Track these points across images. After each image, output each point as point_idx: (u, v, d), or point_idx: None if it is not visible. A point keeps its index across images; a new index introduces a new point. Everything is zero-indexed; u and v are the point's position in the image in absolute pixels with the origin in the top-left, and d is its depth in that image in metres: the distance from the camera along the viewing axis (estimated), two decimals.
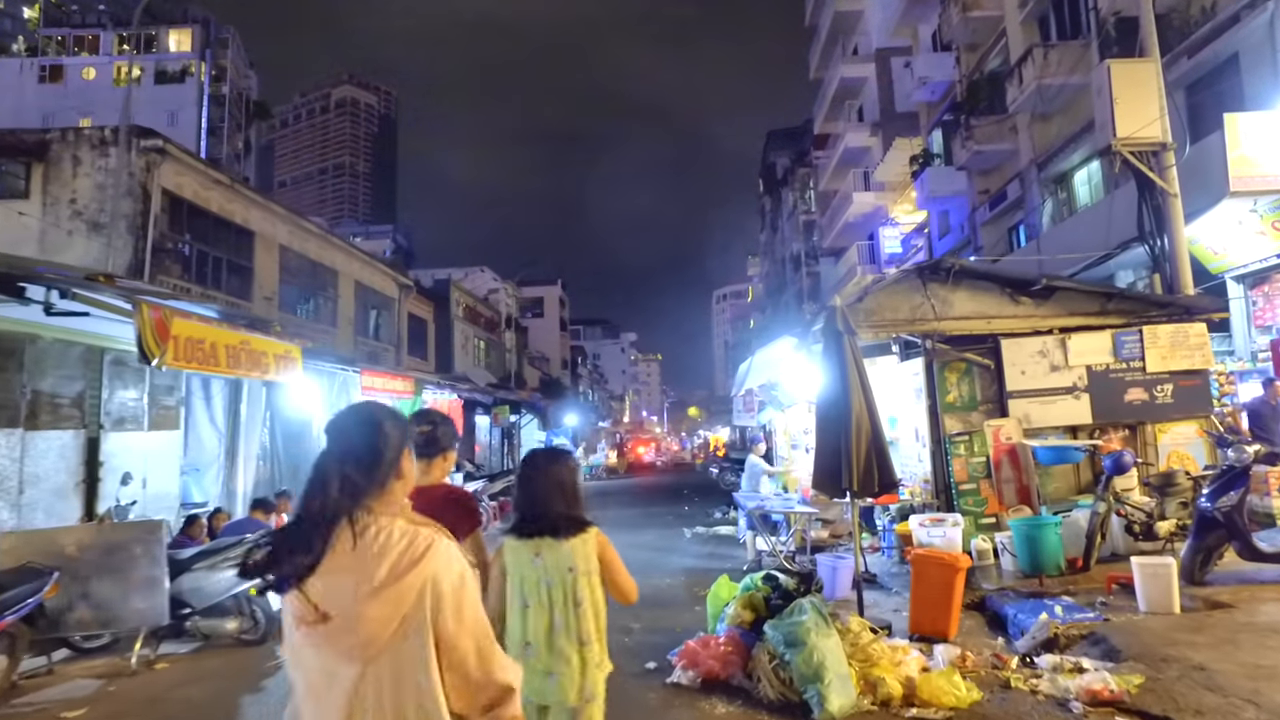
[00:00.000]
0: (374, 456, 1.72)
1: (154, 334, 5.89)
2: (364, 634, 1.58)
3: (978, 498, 8.42)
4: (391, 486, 1.74)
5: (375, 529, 1.65)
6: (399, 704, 1.59)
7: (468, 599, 1.69)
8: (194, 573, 5.93)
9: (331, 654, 1.60)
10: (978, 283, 8.88)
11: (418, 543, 1.65)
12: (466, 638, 1.66)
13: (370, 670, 1.59)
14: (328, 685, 1.61)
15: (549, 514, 2.83)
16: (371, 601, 1.58)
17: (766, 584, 5.54)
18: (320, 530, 1.62)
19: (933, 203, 24.34)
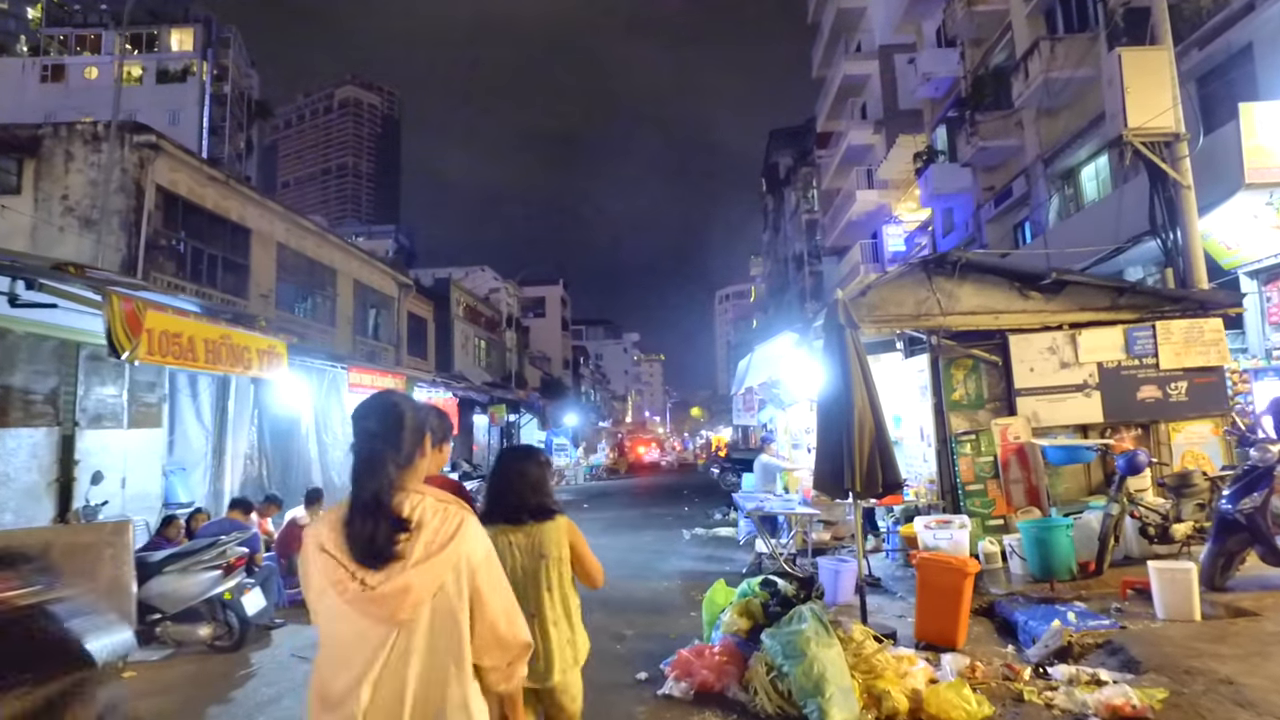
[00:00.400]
0: (400, 436, 1.86)
1: (125, 326, 5.64)
2: (400, 602, 1.73)
3: (985, 499, 8.14)
4: (417, 463, 1.90)
5: (409, 505, 1.80)
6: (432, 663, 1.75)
7: (495, 569, 1.90)
8: (164, 576, 5.67)
9: (366, 618, 1.74)
10: (985, 277, 8.59)
11: (450, 520, 1.82)
12: (497, 603, 1.86)
13: (401, 631, 1.74)
14: (357, 644, 1.74)
15: (520, 503, 3.00)
16: (410, 574, 1.73)
17: (764, 590, 5.26)
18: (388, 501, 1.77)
19: (937, 200, 24.05)
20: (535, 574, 2.94)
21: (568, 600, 3.01)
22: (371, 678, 1.73)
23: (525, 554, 2.95)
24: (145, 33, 58.82)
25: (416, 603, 1.75)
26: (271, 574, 6.92)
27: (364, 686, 1.72)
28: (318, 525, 1.86)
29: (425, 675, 1.76)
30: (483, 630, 1.85)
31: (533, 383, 47.75)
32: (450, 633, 1.79)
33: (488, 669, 1.88)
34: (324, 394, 10.32)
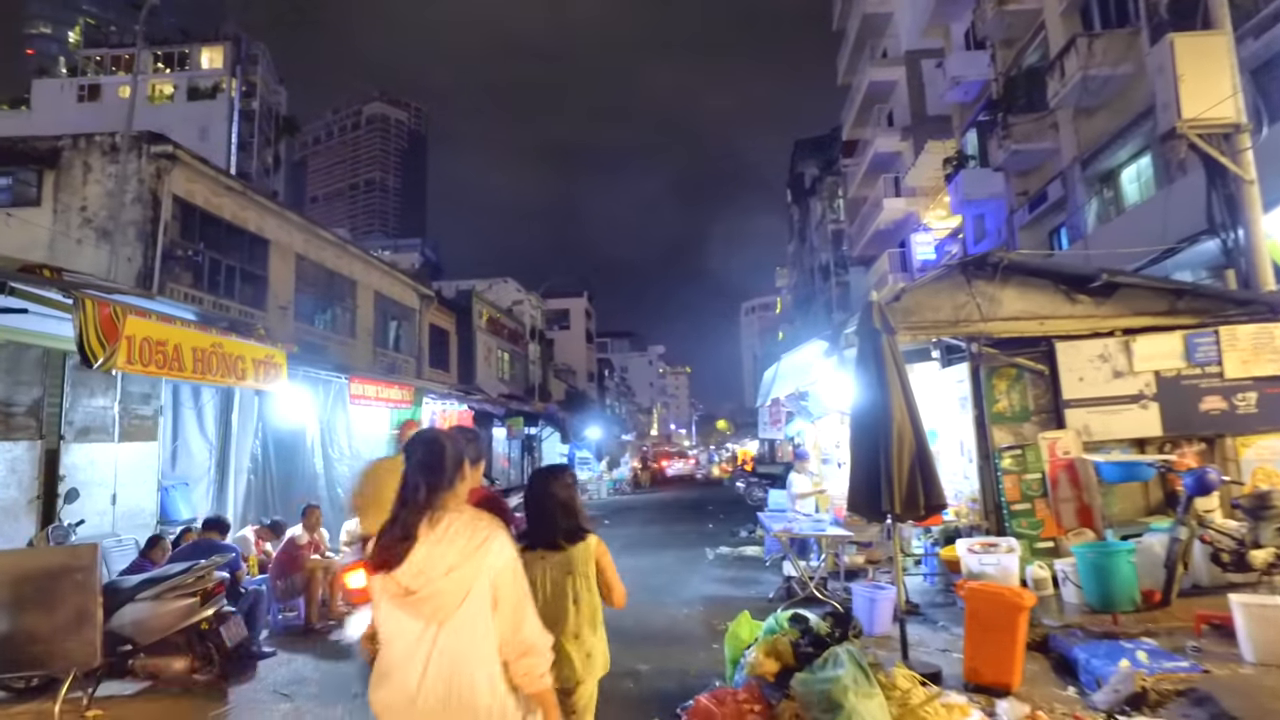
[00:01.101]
0: (441, 466, 2.28)
1: (99, 332, 5.25)
2: (438, 603, 2.11)
3: (1032, 519, 7.51)
4: (457, 487, 2.31)
5: (447, 521, 2.20)
6: (463, 652, 2.12)
7: (515, 578, 2.23)
8: (137, 604, 5.22)
9: (414, 617, 2.13)
10: (1029, 279, 7.99)
11: (478, 534, 2.19)
12: (512, 607, 2.19)
13: (444, 628, 2.11)
14: (414, 639, 2.13)
15: (554, 528, 3.21)
16: (444, 580, 2.12)
17: (794, 626, 4.70)
18: (412, 523, 2.17)
19: (967, 207, 23.34)
20: (562, 587, 3.13)
21: (595, 614, 3.18)
22: (414, 661, 2.13)
23: (558, 569, 3.16)
24: (177, 51, 59.92)
25: (447, 605, 2.13)
26: (259, 599, 6.48)
27: (409, 668, 2.14)
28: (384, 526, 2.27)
29: (456, 661, 2.12)
30: (502, 629, 2.18)
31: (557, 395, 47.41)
32: (476, 628, 2.15)
33: (510, 666, 2.19)
34: (329, 406, 9.93)
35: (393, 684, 2.18)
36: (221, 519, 6.69)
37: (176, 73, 58.82)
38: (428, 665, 2.13)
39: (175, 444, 9.35)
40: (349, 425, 10.45)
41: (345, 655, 6.49)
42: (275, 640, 7.02)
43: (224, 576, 5.67)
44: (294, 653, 6.52)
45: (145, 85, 57.72)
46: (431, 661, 2.13)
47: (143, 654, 5.20)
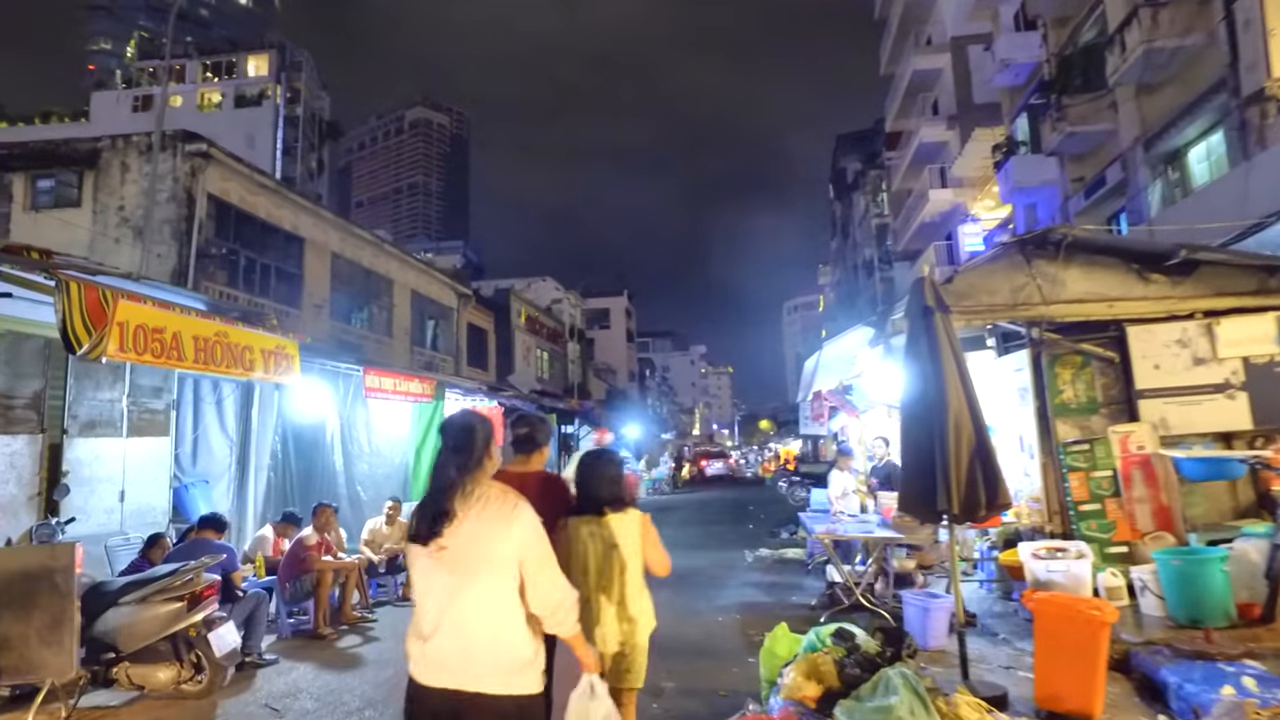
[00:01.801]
0: (471, 446, 2.60)
1: (86, 317, 4.92)
2: (470, 561, 2.47)
3: (1103, 521, 6.80)
4: (484, 465, 2.62)
5: (478, 493, 2.54)
6: (490, 605, 2.47)
7: (540, 542, 2.56)
8: (121, 609, 4.88)
9: (449, 572, 2.48)
10: (1096, 258, 7.26)
11: (507, 505, 2.54)
12: (538, 567, 2.53)
13: (473, 582, 2.47)
14: (447, 591, 2.49)
15: (599, 498, 3.48)
16: (476, 540, 2.48)
17: (838, 643, 4.13)
18: (447, 495, 2.51)
19: (1018, 195, 22.35)
20: (609, 558, 3.41)
21: (638, 580, 3.47)
22: (448, 613, 2.46)
23: (602, 541, 3.43)
24: (225, 60, 61.26)
25: (473, 563, 2.46)
26: (259, 603, 6.10)
27: (444, 619, 2.46)
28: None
29: (483, 613, 2.45)
30: (530, 586, 2.50)
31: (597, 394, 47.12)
32: (503, 584, 2.47)
33: (541, 616, 2.52)
34: (349, 400, 9.59)
35: (425, 633, 2.52)
36: (218, 517, 6.33)
37: (224, 81, 60.16)
38: (457, 615, 2.46)
39: (196, 440, 9.12)
40: (369, 421, 10.11)
41: (351, 665, 6.08)
42: (282, 646, 6.66)
43: (214, 579, 5.29)
44: (297, 661, 6.14)
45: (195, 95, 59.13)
46: (460, 611, 2.46)
47: (127, 662, 4.84)
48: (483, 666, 2.45)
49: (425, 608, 2.53)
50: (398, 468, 10.36)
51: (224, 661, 4.99)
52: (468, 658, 2.44)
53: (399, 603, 8.52)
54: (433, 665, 2.49)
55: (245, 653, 5.93)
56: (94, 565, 6.54)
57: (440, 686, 2.47)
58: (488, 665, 2.45)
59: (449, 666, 2.46)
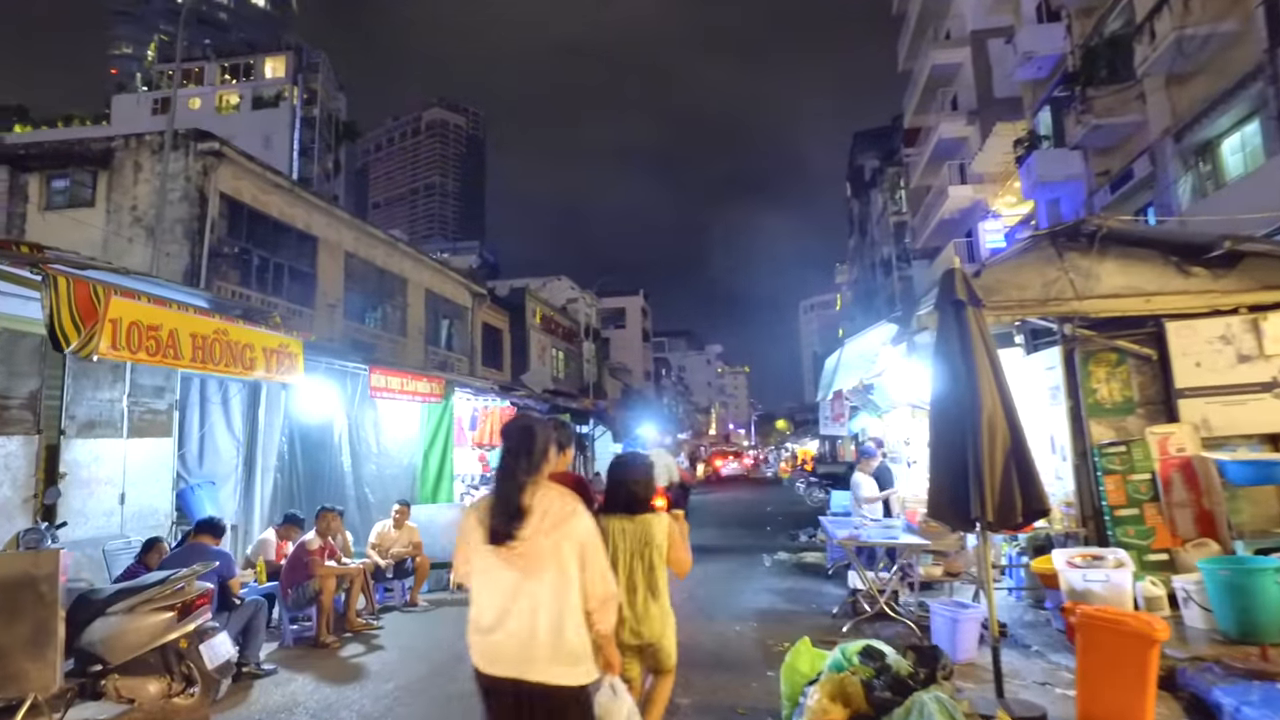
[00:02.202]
0: (534, 448, 2.77)
1: (75, 313, 4.72)
2: (532, 558, 2.63)
3: (1141, 527, 6.46)
4: (543, 467, 2.79)
5: (539, 494, 2.71)
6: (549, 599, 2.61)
7: (595, 542, 2.74)
8: (109, 618, 4.67)
9: (510, 568, 2.64)
10: (1132, 250, 6.93)
11: (566, 507, 2.71)
12: (593, 565, 2.70)
13: (533, 578, 2.63)
14: (509, 587, 2.64)
15: (630, 499, 3.73)
16: (538, 539, 2.64)
17: (866, 662, 3.83)
18: (518, 495, 2.67)
19: (1041, 190, 21.85)
20: (640, 556, 3.65)
21: (664, 578, 3.71)
22: (510, 609, 2.63)
23: (632, 539, 3.67)
24: (243, 63, 61.57)
25: (540, 561, 2.64)
26: (257, 611, 5.87)
27: (506, 615, 2.64)
28: (480, 503, 2.85)
29: (546, 608, 2.61)
30: (587, 583, 2.69)
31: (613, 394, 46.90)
32: (563, 581, 2.64)
33: (590, 610, 2.71)
34: (357, 400, 9.38)
35: (484, 626, 2.68)
36: (215, 522, 6.11)
37: (242, 83, 60.46)
38: (520, 610, 2.61)
39: (203, 441, 8.95)
40: (377, 421, 9.90)
41: (352, 677, 5.83)
42: (283, 655, 6.44)
43: (207, 587, 5.08)
44: (296, 671, 5.91)
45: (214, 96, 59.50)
46: (523, 606, 2.61)
47: (116, 674, 4.63)
48: (541, 658, 2.60)
49: (484, 603, 2.70)
50: (406, 469, 10.14)
51: (216, 674, 4.77)
52: (527, 649, 2.60)
53: (406, 608, 8.30)
54: (493, 656, 2.67)
55: (242, 663, 5.72)
56: (93, 570, 6.37)
57: (502, 675, 2.64)
58: (546, 657, 2.60)
59: (509, 657, 2.63)
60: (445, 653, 6.42)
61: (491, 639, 2.65)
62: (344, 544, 7.88)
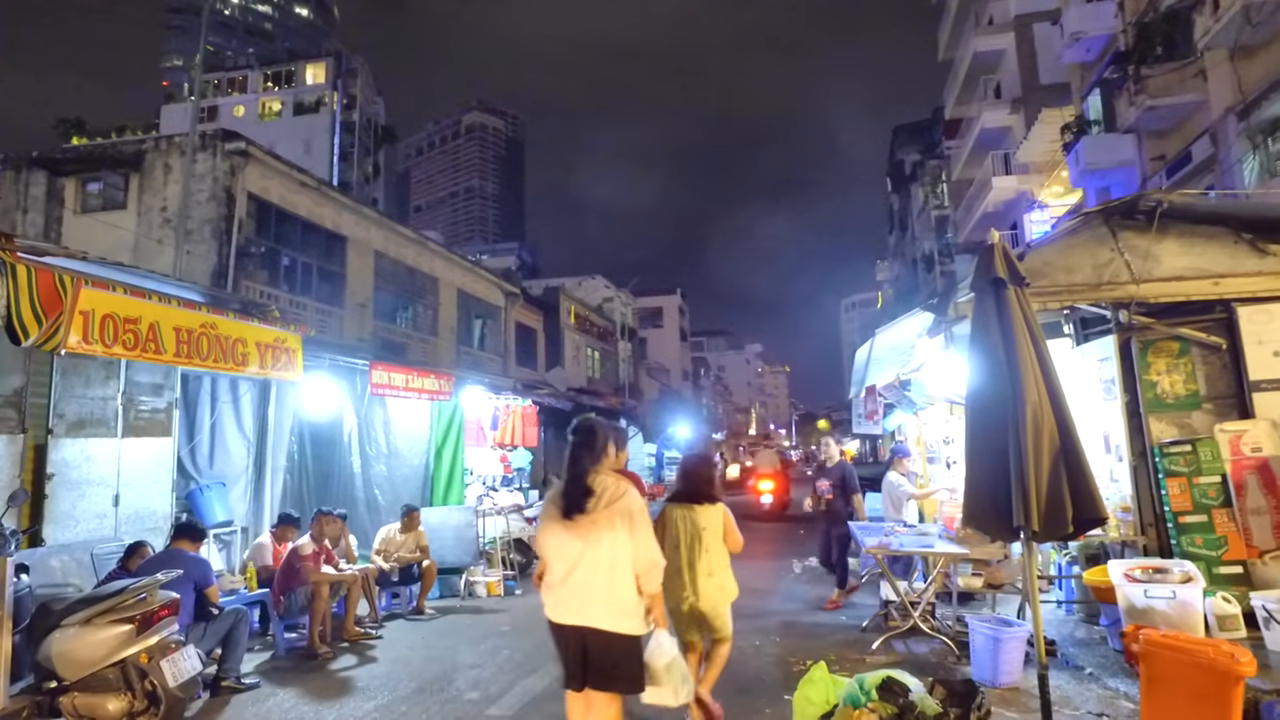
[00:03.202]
0: (595, 443, 3.50)
1: (37, 304, 4.42)
2: (593, 529, 3.31)
3: (1210, 536, 5.79)
4: (603, 460, 3.50)
5: (600, 480, 3.41)
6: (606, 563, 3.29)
7: (642, 517, 3.38)
8: (64, 630, 4.34)
9: (578, 538, 3.33)
10: (1197, 227, 6.24)
11: (619, 488, 3.40)
12: (640, 536, 3.35)
13: (593, 546, 3.31)
14: (575, 553, 3.33)
15: (694, 492, 4.56)
16: (598, 514, 3.32)
17: (886, 699, 3.28)
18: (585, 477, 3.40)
19: (1090, 178, 20.84)
20: (698, 539, 4.40)
21: (724, 557, 4.50)
22: (575, 570, 3.33)
23: (690, 525, 4.43)
24: (284, 70, 62.58)
25: (599, 532, 3.32)
26: (237, 621, 5.51)
27: (570, 576, 3.34)
28: (554, 489, 3.56)
29: (603, 569, 3.31)
30: (636, 550, 3.34)
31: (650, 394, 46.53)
32: (616, 549, 3.32)
33: (638, 574, 3.34)
34: (365, 399, 9.07)
35: (553, 584, 3.41)
36: (195, 525, 5.79)
37: (284, 90, 61.43)
38: (582, 570, 3.33)
39: (213, 441, 8.71)
40: (387, 421, 9.57)
41: (336, 693, 5.43)
42: (272, 666, 6.11)
43: (172, 597, 4.73)
44: (280, 685, 5.55)
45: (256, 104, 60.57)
46: (584, 568, 3.32)
47: (74, 691, 4.31)
48: (597, 609, 3.31)
49: (554, 566, 3.43)
50: (417, 469, 9.79)
51: (179, 692, 4.41)
52: (586, 601, 3.32)
53: (411, 616, 7.93)
54: (560, 607, 3.40)
55: (222, 676, 5.39)
56: (82, 575, 6.09)
57: (568, 623, 3.36)
58: (602, 607, 3.31)
59: (572, 609, 3.35)
60: (439, 667, 6.02)
61: (560, 594, 3.39)
62: (347, 548, 7.55)
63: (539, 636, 6.88)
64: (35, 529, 5.72)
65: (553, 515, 3.43)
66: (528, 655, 6.32)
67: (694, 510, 4.44)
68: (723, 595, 4.41)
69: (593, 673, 3.31)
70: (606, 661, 3.30)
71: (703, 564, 4.35)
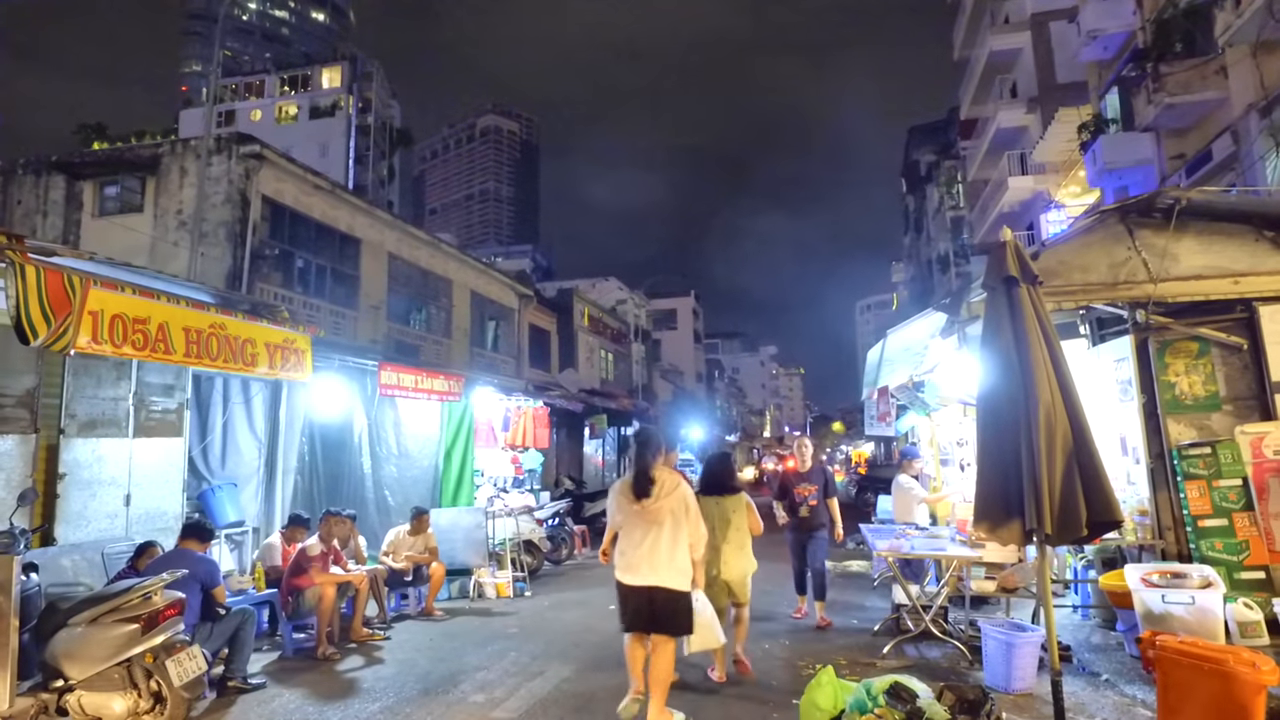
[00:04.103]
0: (655, 445, 4.72)
1: (45, 304, 4.44)
2: (656, 514, 4.51)
3: (1230, 540, 5.67)
4: (660, 459, 4.67)
5: (659, 475, 4.59)
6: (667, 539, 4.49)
7: (692, 503, 4.64)
8: (71, 629, 4.35)
9: (644, 519, 4.53)
10: (1217, 225, 6.13)
11: (675, 480, 4.61)
12: (691, 517, 4.61)
13: (655, 524, 4.51)
14: (642, 530, 4.52)
15: (720, 485, 5.92)
16: (659, 500, 4.51)
17: (894, 705, 3.20)
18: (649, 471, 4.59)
19: (1108, 178, 20.58)
20: (725, 523, 5.68)
21: (743, 538, 5.75)
22: (643, 547, 4.47)
23: (718, 511, 5.70)
24: (300, 74, 63.04)
25: (660, 514, 4.49)
26: (244, 621, 5.50)
27: (641, 547, 4.49)
28: (622, 481, 4.77)
29: (663, 541, 4.48)
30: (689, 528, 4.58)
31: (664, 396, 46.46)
32: (673, 526, 4.50)
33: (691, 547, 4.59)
34: (376, 399, 9.07)
35: (626, 553, 4.58)
36: (202, 525, 5.79)
37: (300, 94, 61.85)
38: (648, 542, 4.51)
39: (225, 441, 8.74)
40: (397, 422, 9.57)
41: (341, 694, 5.40)
42: (279, 667, 6.10)
43: (177, 597, 4.73)
44: (286, 686, 5.54)
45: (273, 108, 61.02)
46: (650, 544, 4.51)
47: (81, 690, 4.32)
48: (664, 572, 4.47)
49: (627, 541, 4.61)
50: (427, 470, 9.79)
51: (185, 691, 4.40)
52: (653, 567, 4.47)
53: (420, 617, 7.91)
54: (631, 571, 4.54)
55: (228, 676, 5.39)
56: (93, 574, 6.12)
57: (637, 584, 4.51)
58: (666, 572, 4.47)
59: (642, 572, 4.49)
60: (446, 669, 5.98)
61: (632, 560, 4.54)
62: (356, 550, 7.54)
63: (546, 639, 6.89)
64: (46, 528, 5.74)
65: (626, 500, 4.64)
66: (534, 658, 6.28)
67: (721, 500, 5.74)
68: (745, 568, 5.70)
69: (658, 620, 4.48)
70: (669, 611, 4.47)
71: (728, 543, 5.61)
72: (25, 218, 16.68)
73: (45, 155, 17.12)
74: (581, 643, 6.76)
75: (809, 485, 7.63)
